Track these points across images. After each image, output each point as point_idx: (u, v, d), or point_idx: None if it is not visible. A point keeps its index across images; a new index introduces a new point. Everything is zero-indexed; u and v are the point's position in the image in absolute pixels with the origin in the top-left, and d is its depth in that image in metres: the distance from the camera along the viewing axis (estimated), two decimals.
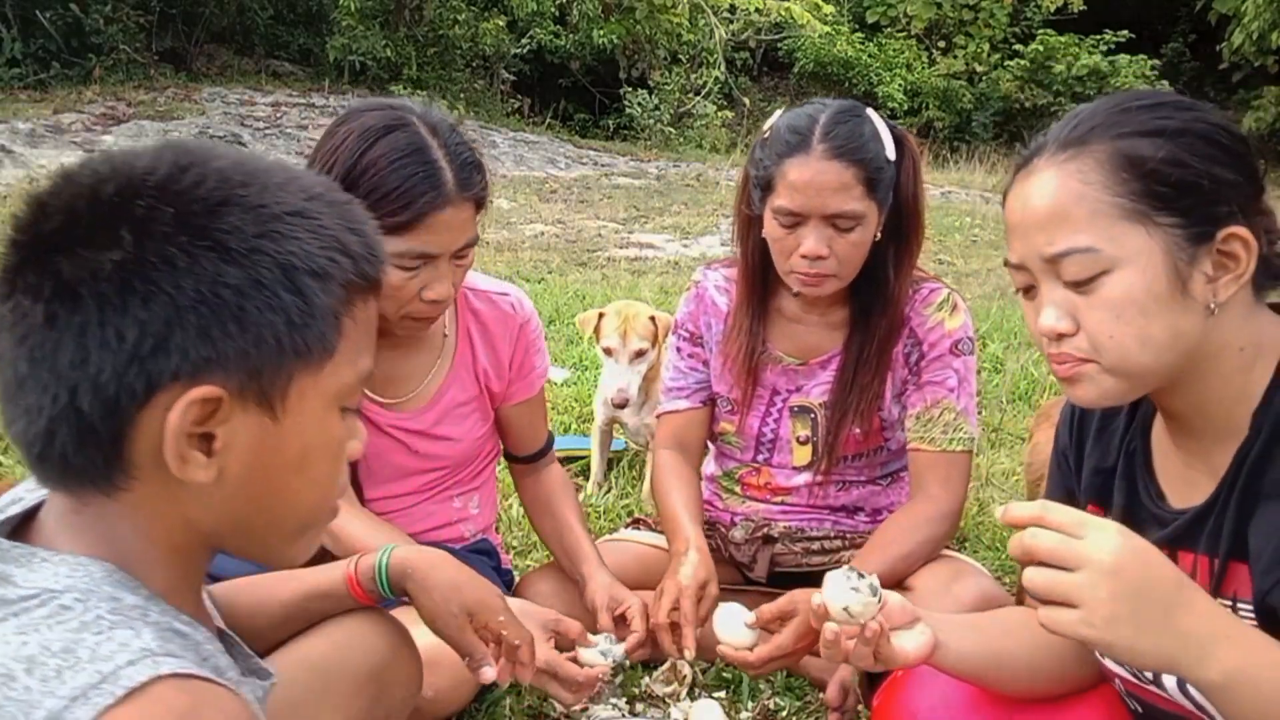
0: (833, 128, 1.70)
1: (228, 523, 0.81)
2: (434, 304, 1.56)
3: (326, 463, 0.84)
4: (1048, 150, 1.05)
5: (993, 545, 2.55)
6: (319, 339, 0.78)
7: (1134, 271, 0.99)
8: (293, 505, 0.83)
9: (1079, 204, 1.01)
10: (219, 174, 0.77)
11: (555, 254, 6.55)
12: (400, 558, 1.27)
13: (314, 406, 0.80)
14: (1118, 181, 0.99)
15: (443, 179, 1.49)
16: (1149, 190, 0.99)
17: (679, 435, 2.02)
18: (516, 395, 1.85)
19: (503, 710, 1.77)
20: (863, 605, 1.17)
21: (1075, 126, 1.04)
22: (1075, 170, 1.01)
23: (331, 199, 0.83)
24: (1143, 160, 0.99)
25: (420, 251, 1.50)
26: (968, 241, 7.83)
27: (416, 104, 1.59)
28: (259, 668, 0.95)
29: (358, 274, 0.81)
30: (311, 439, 0.81)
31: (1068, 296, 1.03)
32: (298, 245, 0.77)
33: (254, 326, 0.75)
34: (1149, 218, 0.99)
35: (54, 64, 10.17)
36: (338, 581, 1.26)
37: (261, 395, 0.77)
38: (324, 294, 0.78)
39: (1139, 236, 0.99)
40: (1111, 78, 14.62)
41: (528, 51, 12.66)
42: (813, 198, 1.69)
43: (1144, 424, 1.17)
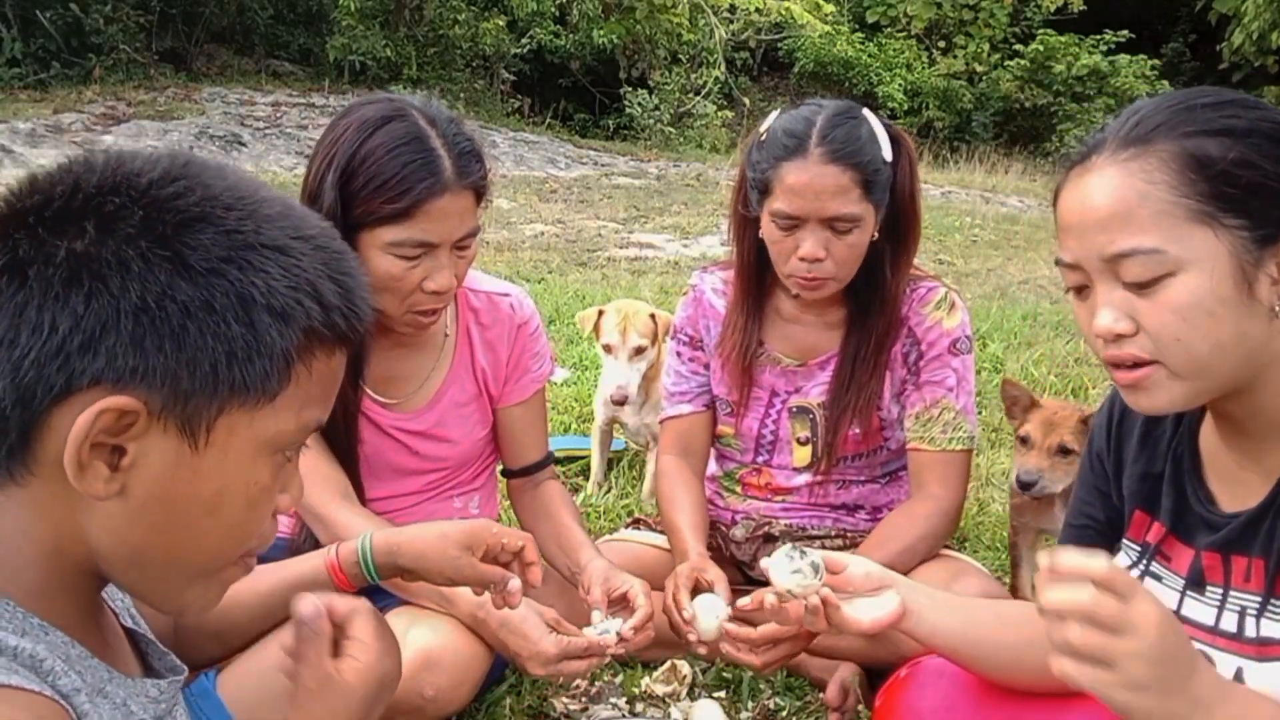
0: (830, 130, 1.70)
1: (122, 548, 0.78)
2: (436, 296, 1.55)
3: (242, 508, 0.80)
4: (1108, 148, 1.02)
5: (992, 545, 2.55)
6: (261, 378, 0.75)
7: (1200, 274, 0.97)
8: (195, 546, 0.80)
9: (1143, 204, 0.98)
10: (206, 190, 0.75)
11: (555, 254, 6.55)
12: (383, 539, 1.26)
13: (242, 447, 0.77)
14: (1185, 182, 0.97)
15: (440, 167, 1.49)
16: (1217, 192, 0.96)
17: (683, 440, 2.02)
18: (511, 397, 1.83)
19: (503, 710, 1.77)
20: (802, 587, 1.24)
21: (1138, 124, 1.01)
22: (1139, 169, 0.99)
23: (322, 244, 0.80)
24: (1212, 161, 0.97)
25: (419, 240, 1.50)
26: (968, 241, 7.83)
27: (417, 98, 1.59)
28: (173, 664, 0.95)
29: (325, 323, 0.78)
30: (231, 480, 0.78)
31: (1127, 298, 1.00)
32: (263, 279, 0.74)
33: (192, 349, 0.72)
34: (1216, 220, 0.96)
35: (54, 64, 10.17)
36: (319, 569, 1.24)
37: (185, 421, 0.74)
38: (278, 335, 0.75)
39: (1206, 239, 0.97)
40: (1111, 78, 14.63)
41: (528, 51, 12.66)
42: (810, 201, 1.69)
43: (1191, 427, 1.15)
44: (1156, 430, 1.18)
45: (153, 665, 0.94)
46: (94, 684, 0.80)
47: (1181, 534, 1.14)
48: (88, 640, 0.82)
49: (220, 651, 1.18)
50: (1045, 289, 6.32)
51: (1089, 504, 1.26)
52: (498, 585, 1.27)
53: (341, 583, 1.24)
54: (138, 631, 0.94)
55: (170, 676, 0.92)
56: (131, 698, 0.84)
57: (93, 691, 0.79)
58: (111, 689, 0.82)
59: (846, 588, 1.26)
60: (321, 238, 0.80)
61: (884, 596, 1.25)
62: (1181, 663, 0.88)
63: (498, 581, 1.27)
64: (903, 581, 1.28)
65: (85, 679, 0.79)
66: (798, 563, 1.24)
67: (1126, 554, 1.19)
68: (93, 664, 0.81)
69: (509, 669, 1.85)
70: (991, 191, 10.83)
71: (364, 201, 1.49)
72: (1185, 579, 1.12)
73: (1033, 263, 7.06)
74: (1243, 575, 1.06)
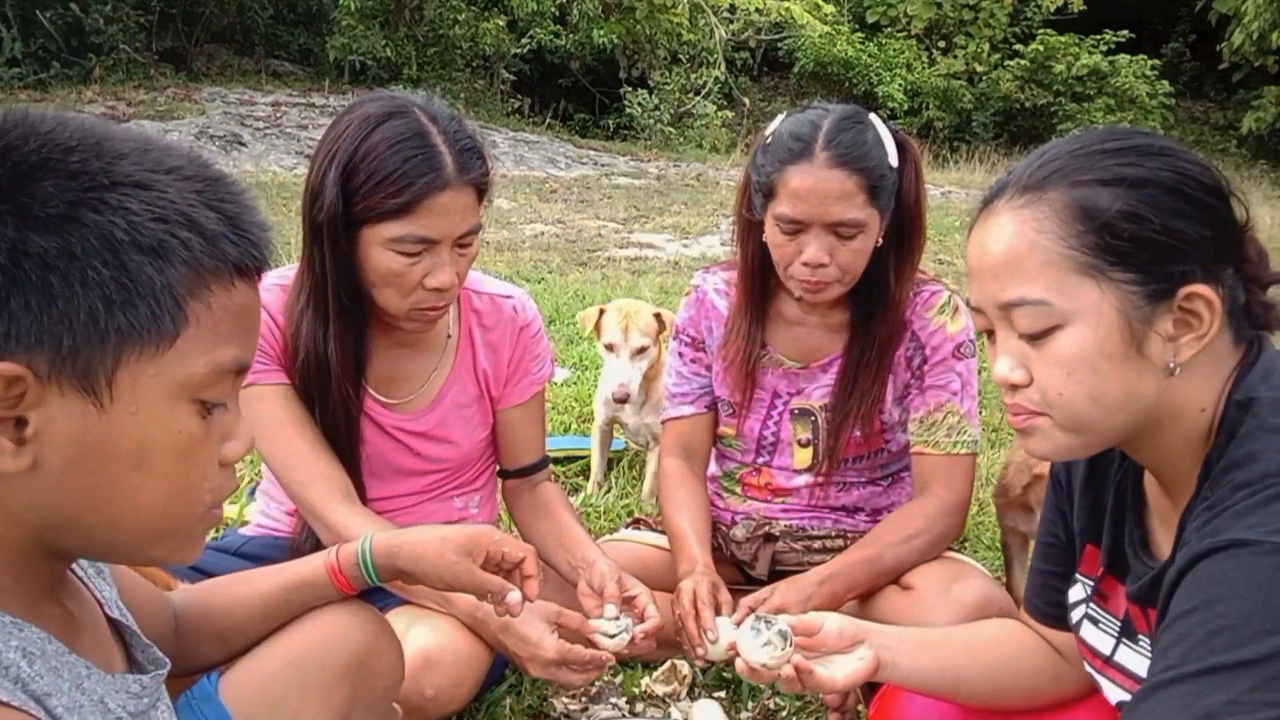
0: (836, 135, 1.69)
1: (59, 519, 0.75)
2: (438, 293, 1.55)
3: (173, 459, 0.76)
4: (1008, 192, 1.01)
5: (992, 545, 2.55)
6: (149, 321, 0.72)
7: (1086, 328, 0.95)
8: (134, 504, 0.76)
9: (1031, 253, 0.97)
10: (43, 138, 0.71)
11: (555, 254, 6.55)
12: (383, 540, 1.25)
13: (152, 397, 0.74)
14: (1072, 233, 0.95)
15: (441, 162, 1.49)
16: (1103, 244, 0.94)
17: (685, 441, 2.02)
18: (511, 398, 1.83)
19: (503, 710, 1.77)
20: (775, 659, 1.25)
21: (1038, 168, 1.00)
22: (1030, 218, 0.97)
23: (194, 173, 0.76)
24: (1098, 212, 0.94)
25: (420, 236, 1.50)
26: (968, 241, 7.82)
27: (418, 96, 1.60)
28: (156, 658, 0.94)
29: (212, 254, 0.74)
30: (151, 433, 0.74)
31: (1022, 347, 0.99)
32: (124, 217, 0.70)
33: (63, 302, 0.68)
34: (1103, 273, 0.94)
35: (54, 64, 10.17)
36: (319, 571, 1.23)
37: (82, 379, 0.70)
38: (157, 272, 0.71)
39: (1091, 292, 0.95)
40: (1111, 78, 14.62)
41: (528, 51, 12.66)
42: (815, 206, 1.68)
43: (1137, 465, 1.12)
44: (1104, 463, 1.15)
45: (136, 658, 0.93)
46: (71, 680, 0.79)
47: (1116, 574, 1.13)
48: (63, 635, 0.80)
49: (222, 654, 1.18)
50: None
51: (1053, 523, 1.25)
52: (495, 595, 1.26)
53: (342, 585, 1.23)
54: (123, 623, 0.93)
55: (153, 670, 0.92)
56: (109, 694, 0.83)
57: (71, 688, 0.78)
58: (89, 685, 0.81)
59: (820, 649, 1.26)
60: (190, 168, 0.76)
61: (856, 652, 1.26)
62: None
63: (495, 591, 1.26)
64: (874, 630, 1.28)
65: (62, 676, 0.78)
66: (765, 634, 1.25)
67: (1081, 587, 1.18)
68: (69, 660, 0.79)
69: (509, 669, 1.85)
70: None
71: (365, 197, 1.49)
72: (1120, 625, 1.11)
73: None
74: (1147, 628, 1.05)
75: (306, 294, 1.61)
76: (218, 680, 1.13)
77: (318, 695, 1.17)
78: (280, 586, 1.21)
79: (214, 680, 1.13)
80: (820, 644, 1.26)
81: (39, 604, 0.81)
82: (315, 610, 1.23)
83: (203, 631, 1.17)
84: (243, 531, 1.87)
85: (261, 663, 1.17)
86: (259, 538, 1.82)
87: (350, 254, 1.54)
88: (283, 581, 1.22)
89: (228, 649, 1.18)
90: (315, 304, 1.60)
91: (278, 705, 1.14)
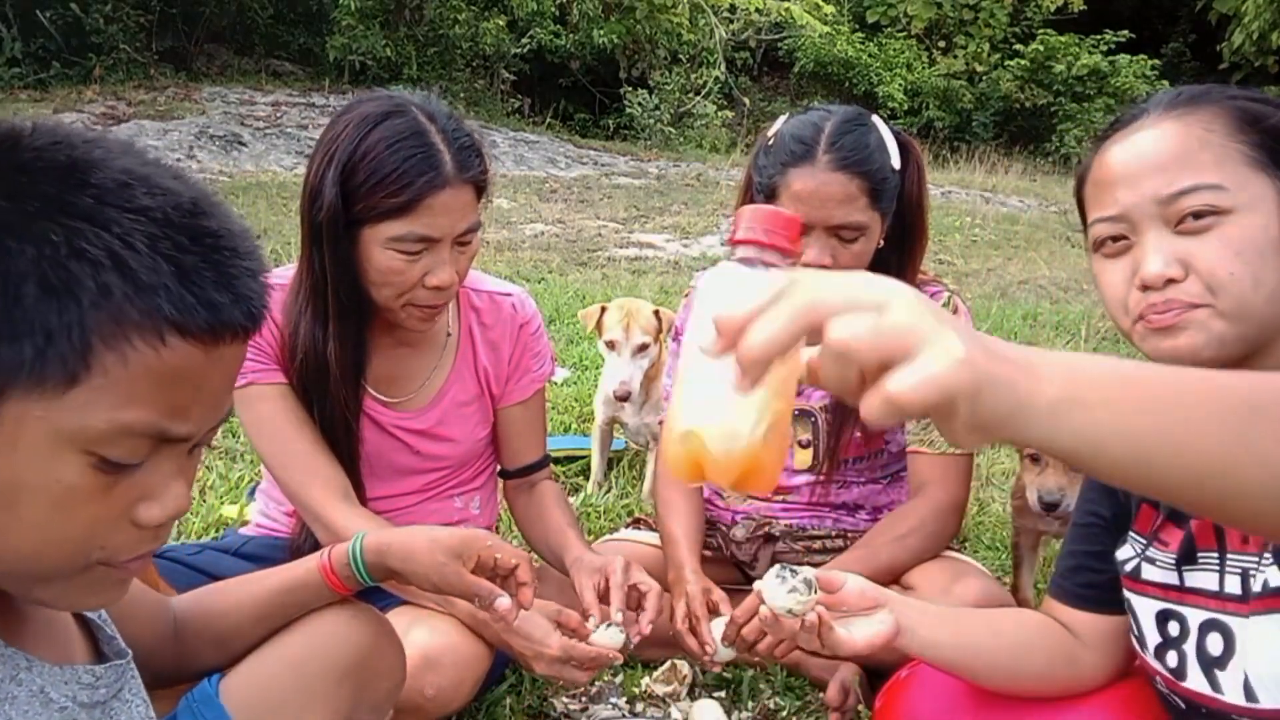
0: (838, 138, 1.69)
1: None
2: (437, 292, 1.55)
3: (44, 508, 0.71)
4: (1155, 111, 1.06)
5: (993, 545, 2.55)
6: (34, 361, 0.67)
7: (1257, 216, 1.00)
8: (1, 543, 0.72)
9: (1204, 148, 1.02)
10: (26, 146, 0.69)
11: (555, 254, 6.55)
12: (374, 539, 1.25)
13: (34, 438, 0.69)
14: (1241, 130, 1.02)
15: (441, 161, 1.50)
16: (1269, 144, 1.01)
17: None
18: (511, 396, 1.83)
19: (503, 710, 1.77)
20: (801, 604, 1.21)
21: (1179, 95, 1.07)
22: (1196, 120, 1.03)
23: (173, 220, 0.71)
24: (1263, 116, 1.02)
25: (421, 235, 1.50)
26: (968, 241, 7.83)
27: (416, 95, 1.60)
28: (119, 649, 0.93)
29: (139, 306, 0.69)
30: (24, 474, 0.70)
31: (1177, 243, 1.02)
32: (36, 248, 0.66)
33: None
34: (1269, 168, 1.01)
35: (54, 63, 10.17)
36: (312, 572, 1.22)
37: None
38: (53, 312, 0.67)
39: (1262, 182, 1.01)
40: (1111, 78, 14.63)
41: (528, 51, 12.66)
42: (817, 209, 1.68)
43: None
44: None
45: (104, 651, 0.93)
46: (6, 673, 0.78)
47: (1175, 519, 1.14)
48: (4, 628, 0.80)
49: (221, 658, 1.17)
50: (1045, 289, 6.32)
51: (1095, 503, 1.26)
52: (483, 599, 1.25)
53: (335, 585, 1.23)
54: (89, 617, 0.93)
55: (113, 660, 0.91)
56: (52, 684, 0.82)
57: (5, 680, 0.78)
58: (27, 677, 0.80)
59: (841, 606, 1.25)
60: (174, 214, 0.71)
61: (877, 615, 1.24)
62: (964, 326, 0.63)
63: (484, 595, 1.25)
64: (895, 598, 1.27)
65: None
66: (791, 581, 1.22)
67: (1131, 545, 1.20)
68: (5, 653, 0.79)
69: (509, 669, 1.85)
70: (991, 191, 10.82)
71: (365, 197, 1.49)
72: (1176, 555, 1.12)
73: (1033, 263, 7.06)
74: (1240, 537, 1.05)
75: (305, 294, 1.61)
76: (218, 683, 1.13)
77: (319, 697, 1.17)
78: (275, 589, 1.21)
79: (215, 683, 1.13)
80: (841, 602, 1.25)
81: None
82: (316, 612, 1.22)
83: (202, 636, 1.17)
84: (242, 531, 1.87)
85: (262, 665, 1.16)
86: (259, 538, 1.82)
87: (350, 253, 1.54)
88: (278, 584, 1.21)
89: (227, 653, 1.18)
90: (314, 304, 1.60)
91: (279, 708, 1.14)
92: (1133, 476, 0.64)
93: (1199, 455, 0.63)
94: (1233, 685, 1.05)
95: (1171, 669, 1.12)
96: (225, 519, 2.40)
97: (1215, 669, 1.07)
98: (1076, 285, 6.31)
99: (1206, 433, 0.63)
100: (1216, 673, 1.07)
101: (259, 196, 7.27)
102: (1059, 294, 6.17)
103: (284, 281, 1.67)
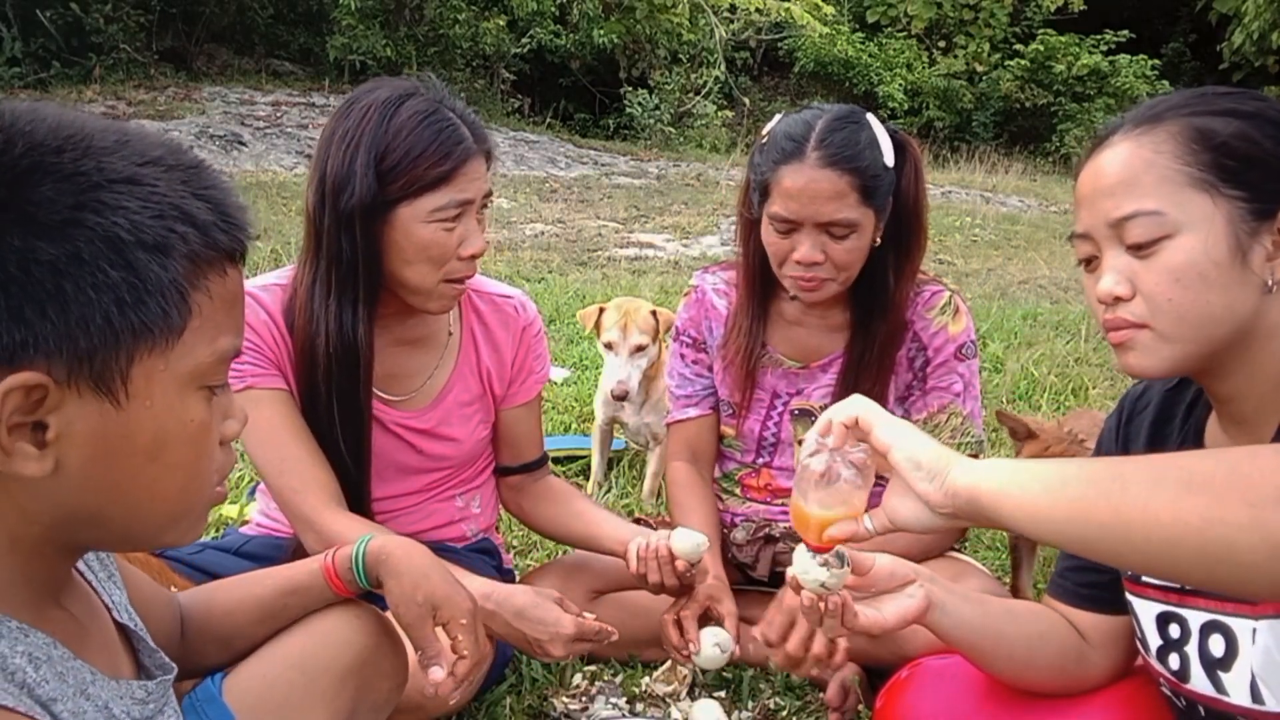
0: (828, 135, 1.70)
1: (76, 516, 0.76)
2: (470, 262, 1.60)
3: (186, 447, 0.78)
4: (1123, 129, 1.08)
5: (993, 545, 2.55)
6: (160, 318, 0.73)
7: (1196, 238, 1.01)
8: (151, 494, 0.78)
9: (1148, 171, 1.03)
10: (29, 139, 0.70)
11: (555, 254, 6.55)
12: (377, 545, 1.24)
13: (165, 390, 0.75)
14: (1188, 152, 1.02)
15: (464, 132, 1.57)
16: (1217, 163, 1.01)
17: (691, 444, 2.02)
18: (516, 398, 1.84)
19: (503, 710, 1.77)
20: (836, 577, 1.15)
21: (1151, 108, 1.08)
22: (1148, 141, 1.05)
23: (175, 162, 0.76)
24: (1214, 133, 1.02)
25: (461, 200, 1.55)
26: (968, 241, 7.83)
27: (410, 80, 1.64)
28: (163, 663, 0.94)
29: (207, 244, 0.75)
30: (166, 424, 0.76)
31: (1129, 263, 1.05)
32: (125, 216, 0.70)
33: (76, 307, 0.69)
34: (1215, 188, 1.01)
35: (54, 63, 10.17)
36: (315, 574, 1.22)
37: (98, 380, 0.71)
38: (161, 268, 0.72)
39: (1204, 204, 1.01)
40: (1112, 78, 14.63)
41: (528, 51, 12.65)
42: (806, 205, 1.69)
43: (1196, 428, 1.16)
44: (1164, 431, 1.19)
45: (144, 664, 0.93)
46: (76, 686, 0.79)
47: None
48: (69, 640, 0.80)
49: (224, 657, 1.18)
50: (1045, 289, 6.32)
51: None
52: (426, 658, 1.22)
53: (338, 587, 1.23)
54: (130, 628, 0.93)
55: (160, 676, 0.92)
56: (114, 700, 0.83)
57: (75, 694, 0.78)
58: (94, 691, 0.81)
59: (872, 588, 1.23)
60: (171, 157, 0.76)
61: (907, 589, 1.23)
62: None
63: (427, 655, 1.22)
64: (925, 573, 1.25)
65: (67, 681, 0.78)
66: (822, 555, 1.16)
67: None
68: (75, 665, 0.80)
69: (509, 669, 1.85)
70: (991, 191, 10.83)
71: (403, 174, 1.52)
72: None
73: (1033, 263, 7.06)
74: None
75: (328, 287, 1.59)
76: (221, 682, 1.14)
77: (321, 696, 1.17)
78: (278, 589, 1.21)
79: (218, 682, 1.13)
80: (871, 583, 1.22)
81: (46, 609, 0.81)
82: (319, 612, 1.23)
83: (205, 634, 1.17)
84: (243, 531, 1.87)
85: (265, 665, 1.17)
86: (259, 537, 1.82)
87: (380, 237, 1.56)
88: (281, 584, 1.22)
89: (230, 651, 1.18)
90: (342, 294, 1.59)
91: (281, 707, 1.14)
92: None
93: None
94: (1238, 687, 1.05)
95: (1175, 671, 1.12)
96: (226, 518, 2.40)
97: (1219, 670, 1.07)
98: (1076, 285, 6.31)
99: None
100: (1220, 674, 1.07)
101: (259, 196, 7.26)
102: (1059, 294, 6.17)
103: (283, 282, 1.67)
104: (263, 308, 1.64)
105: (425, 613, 1.22)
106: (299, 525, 1.62)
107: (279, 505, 1.68)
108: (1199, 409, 1.17)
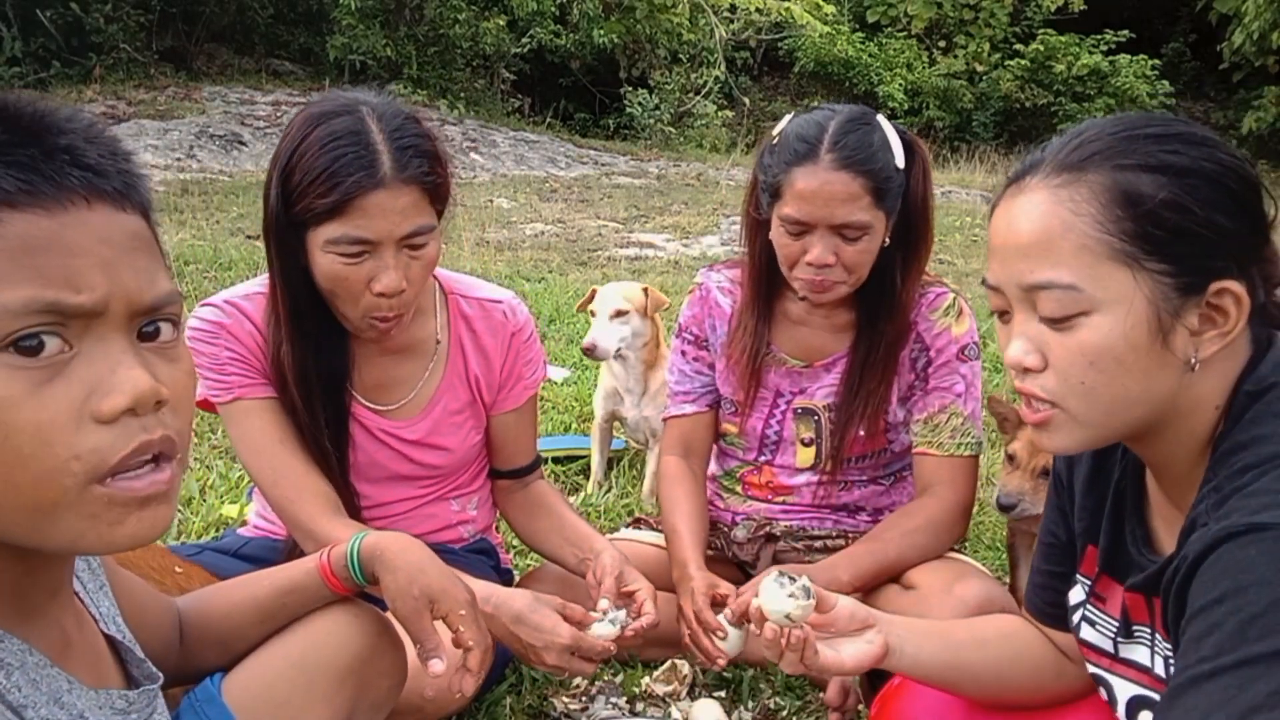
0: (841, 137, 1.69)
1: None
2: (385, 299, 1.50)
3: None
4: (1043, 169, 0.98)
5: (993, 545, 2.56)
6: None
7: (1114, 319, 0.93)
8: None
9: (1066, 236, 0.93)
10: None
11: (555, 253, 6.55)
12: (372, 540, 1.23)
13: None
14: (1111, 218, 0.92)
15: (375, 161, 1.44)
16: (1142, 232, 0.92)
17: (686, 439, 2.02)
18: (505, 404, 1.82)
19: (503, 710, 1.77)
20: (801, 608, 1.21)
21: (1077, 148, 0.97)
22: (1068, 198, 0.94)
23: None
24: (1141, 198, 0.92)
25: (355, 237, 1.46)
26: (968, 241, 7.83)
27: (375, 95, 1.56)
28: (150, 673, 0.93)
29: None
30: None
31: (1041, 331, 0.97)
32: None
33: None
34: (1138, 261, 0.92)
35: (54, 63, 10.17)
36: (311, 573, 1.22)
37: None
38: None
39: (1124, 281, 0.92)
40: (1112, 78, 14.62)
41: (528, 51, 12.65)
42: (820, 208, 1.68)
43: (1137, 464, 1.10)
44: (1107, 464, 1.14)
45: (132, 674, 0.93)
46: (50, 694, 0.78)
47: (1114, 574, 1.12)
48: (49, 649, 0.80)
49: (223, 658, 1.18)
50: None
51: (1054, 522, 1.24)
52: (425, 651, 1.21)
53: (335, 585, 1.23)
54: (119, 640, 0.93)
55: (145, 685, 0.91)
56: (91, 709, 0.82)
57: (48, 701, 0.78)
58: (69, 699, 0.80)
59: (830, 627, 1.25)
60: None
61: (865, 635, 1.24)
62: None
63: (426, 647, 1.21)
64: (884, 618, 1.27)
65: (40, 688, 0.77)
66: (789, 586, 1.22)
67: (1080, 588, 1.18)
68: (50, 673, 0.79)
69: (509, 669, 1.85)
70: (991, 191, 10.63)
71: (300, 197, 1.46)
72: (1117, 624, 1.11)
73: None
74: (1162, 619, 1.02)
75: (271, 302, 1.60)
76: (221, 682, 1.13)
77: (321, 696, 1.17)
78: (276, 589, 1.21)
79: (217, 682, 1.13)
80: (831, 622, 1.25)
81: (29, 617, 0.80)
82: (318, 611, 1.22)
83: (204, 637, 1.17)
84: (241, 532, 1.87)
85: (264, 664, 1.17)
86: (258, 539, 1.82)
87: (303, 258, 1.51)
88: (278, 584, 1.21)
89: (229, 653, 1.18)
90: (276, 310, 1.58)
91: (281, 707, 1.14)
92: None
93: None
94: None
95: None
96: (225, 518, 2.40)
97: None
98: None
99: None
100: None
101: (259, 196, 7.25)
102: None
103: (264, 291, 1.64)
104: (246, 317, 1.62)
105: (422, 606, 1.21)
106: (298, 534, 1.61)
107: (276, 514, 1.67)
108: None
